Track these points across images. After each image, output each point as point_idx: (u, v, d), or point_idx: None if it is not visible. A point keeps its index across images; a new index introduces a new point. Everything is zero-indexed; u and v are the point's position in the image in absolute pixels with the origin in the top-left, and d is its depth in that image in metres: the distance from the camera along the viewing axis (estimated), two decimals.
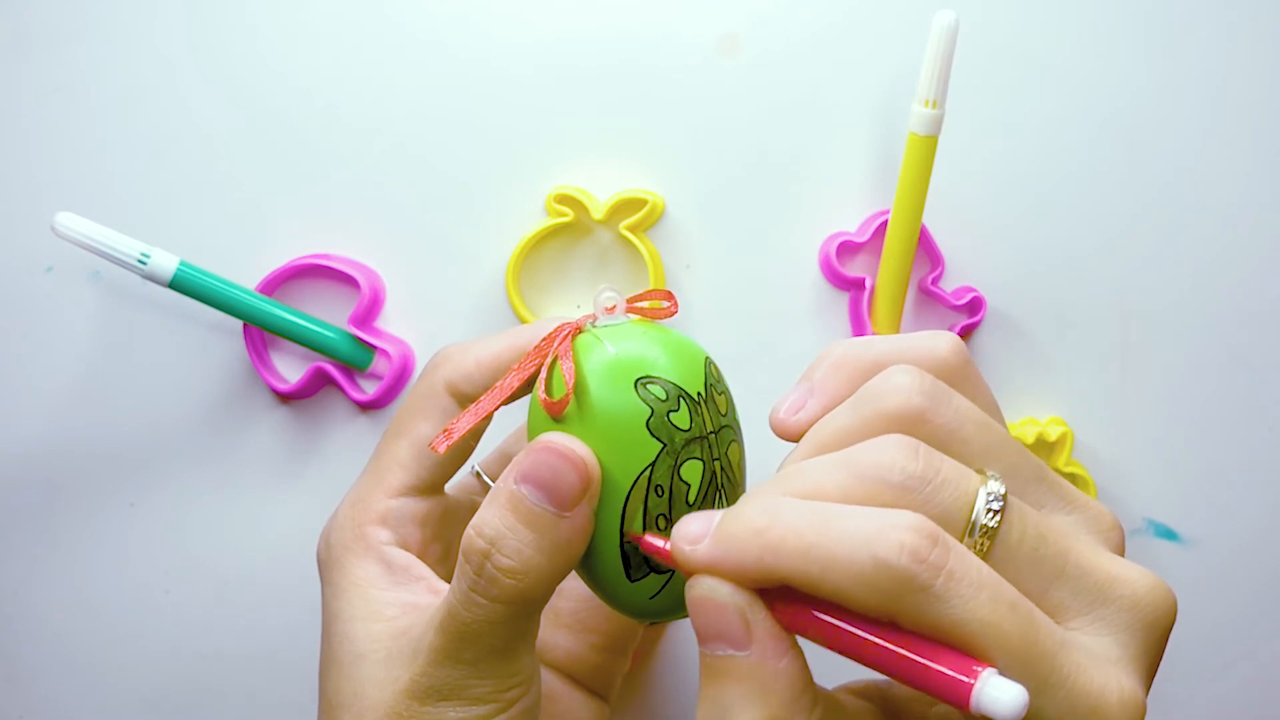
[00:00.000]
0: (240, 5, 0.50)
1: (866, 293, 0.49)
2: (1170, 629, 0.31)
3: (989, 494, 0.29)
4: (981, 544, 0.29)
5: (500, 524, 0.33)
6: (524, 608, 0.34)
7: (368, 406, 0.51)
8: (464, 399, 0.39)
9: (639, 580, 0.34)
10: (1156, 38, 0.50)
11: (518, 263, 0.49)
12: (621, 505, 0.33)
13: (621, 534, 0.34)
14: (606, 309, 0.35)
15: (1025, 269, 0.51)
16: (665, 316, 0.36)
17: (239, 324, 0.50)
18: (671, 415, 0.33)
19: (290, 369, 0.51)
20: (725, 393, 0.35)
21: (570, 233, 0.50)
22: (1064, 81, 0.50)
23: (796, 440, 0.33)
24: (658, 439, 0.33)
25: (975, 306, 0.50)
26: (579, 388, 0.34)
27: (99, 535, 0.51)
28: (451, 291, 0.51)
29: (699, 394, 0.34)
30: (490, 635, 0.34)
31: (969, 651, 0.27)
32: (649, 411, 0.33)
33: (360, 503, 0.39)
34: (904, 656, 0.27)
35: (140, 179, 0.50)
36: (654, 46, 0.50)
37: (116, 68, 0.50)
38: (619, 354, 0.34)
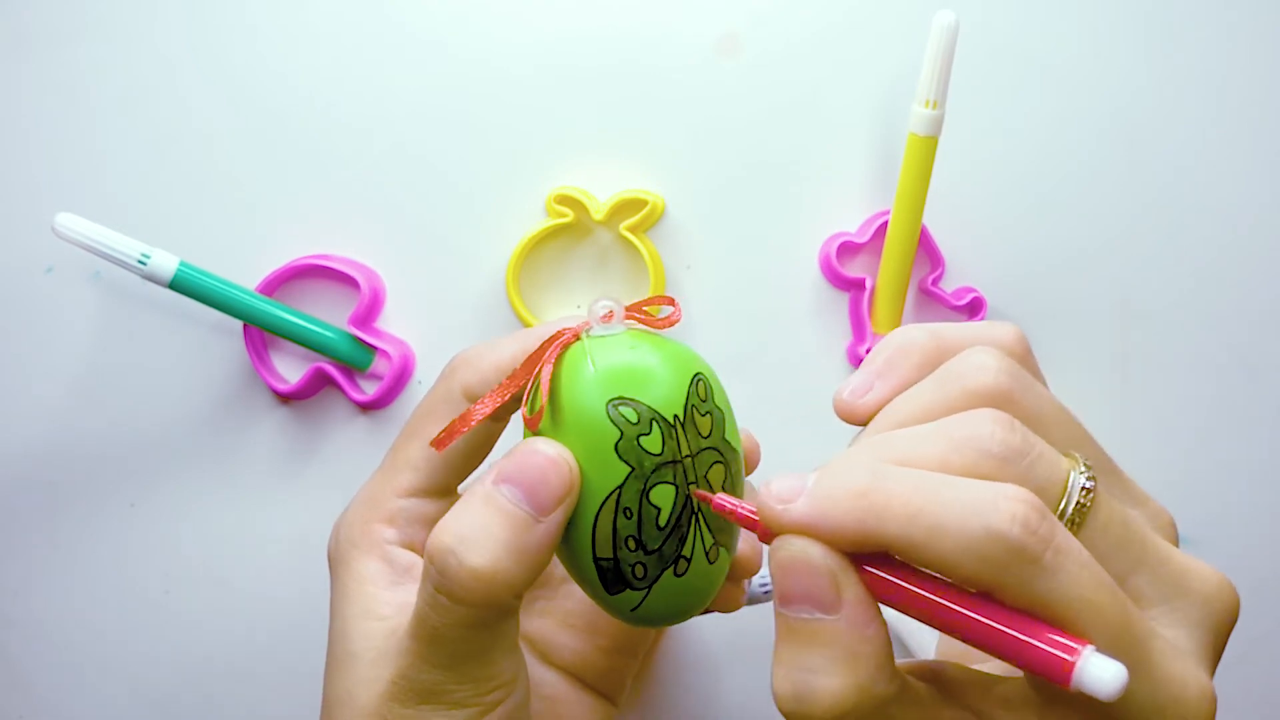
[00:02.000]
0: (240, 5, 0.50)
1: (867, 293, 0.49)
2: (1233, 628, 0.31)
3: (1082, 473, 0.29)
4: (1073, 523, 0.29)
5: (473, 522, 0.33)
6: (491, 612, 0.33)
7: (368, 407, 0.51)
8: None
9: (617, 594, 0.34)
10: (1156, 38, 0.50)
11: (518, 263, 0.49)
12: (592, 523, 0.33)
13: (594, 551, 0.34)
14: (601, 318, 0.35)
15: (1025, 269, 0.51)
16: (665, 326, 0.36)
17: (239, 324, 0.50)
18: (642, 439, 0.33)
19: (290, 369, 0.51)
20: (712, 413, 0.34)
21: (570, 233, 0.50)
22: (1064, 81, 0.50)
23: (863, 423, 0.32)
24: (626, 462, 0.33)
25: (975, 307, 0.50)
26: (557, 403, 0.34)
27: (99, 535, 0.51)
28: (451, 291, 0.51)
29: (675, 417, 0.33)
30: (461, 640, 0.33)
31: (1068, 628, 0.27)
32: (618, 434, 0.33)
33: (370, 501, 0.39)
34: (1002, 631, 0.27)
35: (140, 179, 0.50)
36: (654, 46, 0.50)
37: (116, 68, 0.50)
38: (598, 371, 0.33)
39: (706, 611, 0.37)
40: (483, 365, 0.38)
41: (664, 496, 0.33)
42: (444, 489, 0.39)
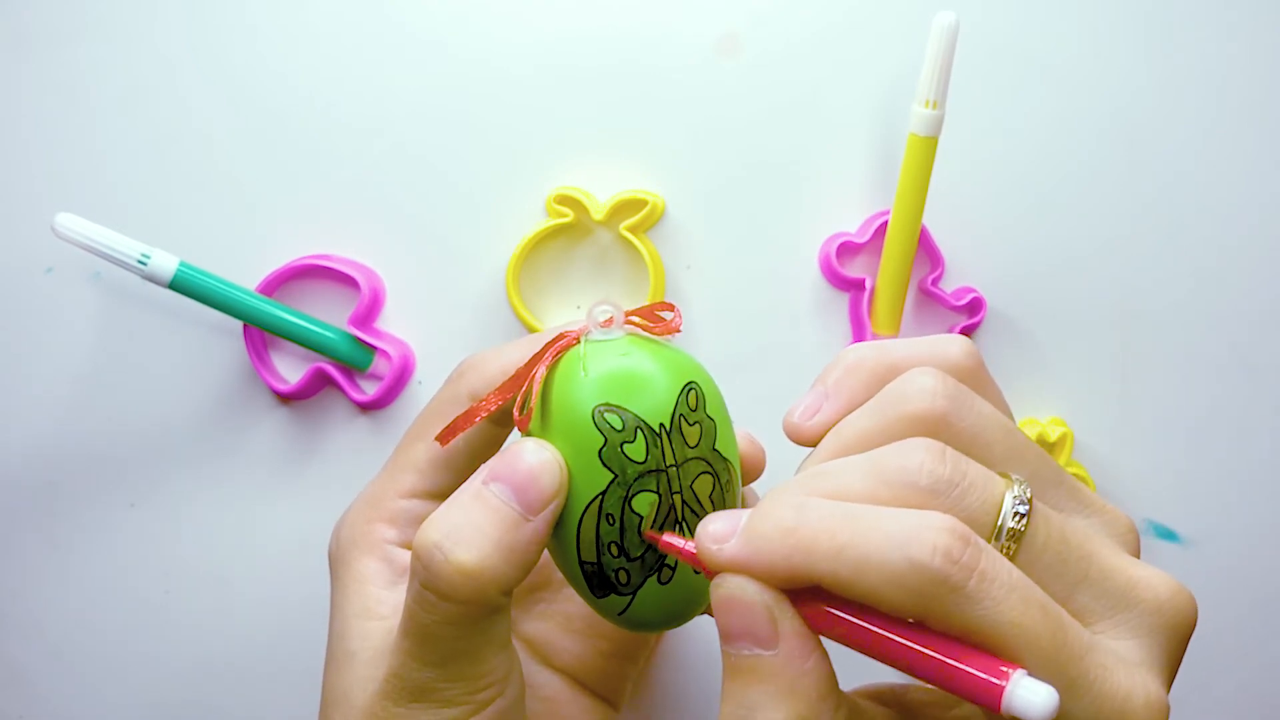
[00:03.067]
0: (240, 5, 0.50)
1: (866, 293, 0.49)
2: (1191, 633, 0.31)
3: (1015, 498, 0.29)
4: (1008, 548, 0.29)
5: (461, 519, 0.33)
6: (478, 609, 0.33)
7: (368, 407, 0.51)
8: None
9: (603, 599, 0.34)
10: (1156, 38, 0.50)
11: (518, 263, 0.49)
12: (576, 527, 0.33)
13: (579, 554, 0.34)
14: (600, 323, 0.35)
15: (1025, 269, 0.51)
16: (665, 333, 0.36)
17: (239, 324, 0.50)
18: (626, 446, 0.33)
19: (290, 369, 0.51)
20: (701, 423, 0.34)
21: (570, 233, 0.50)
22: (1064, 81, 0.50)
23: (812, 444, 0.33)
24: (609, 469, 0.33)
25: (975, 307, 0.50)
26: (548, 406, 0.34)
27: (99, 536, 0.51)
28: (451, 292, 0.51)
29: (662, 425, 0.33)
30: (450, 638, 0.33)
31: (999, 653, 0.27)
32: (603, 440, 0.33)
33: (372, 500, 0.39)
34: (933, 658, 0.27)
35: (140, 179, 0.50)
36: (654, 46, 0.50)
37: (116, 68, 0.50)
38: (589, 376, 0.34)
39: (708, 611, 0.37)
40: (489, 369, 0.38)
41: (646, 504, 0.33)
42: (446, 491, 0.39)
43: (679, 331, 0.36)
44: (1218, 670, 0.52)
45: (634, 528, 0.33)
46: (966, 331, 0.50)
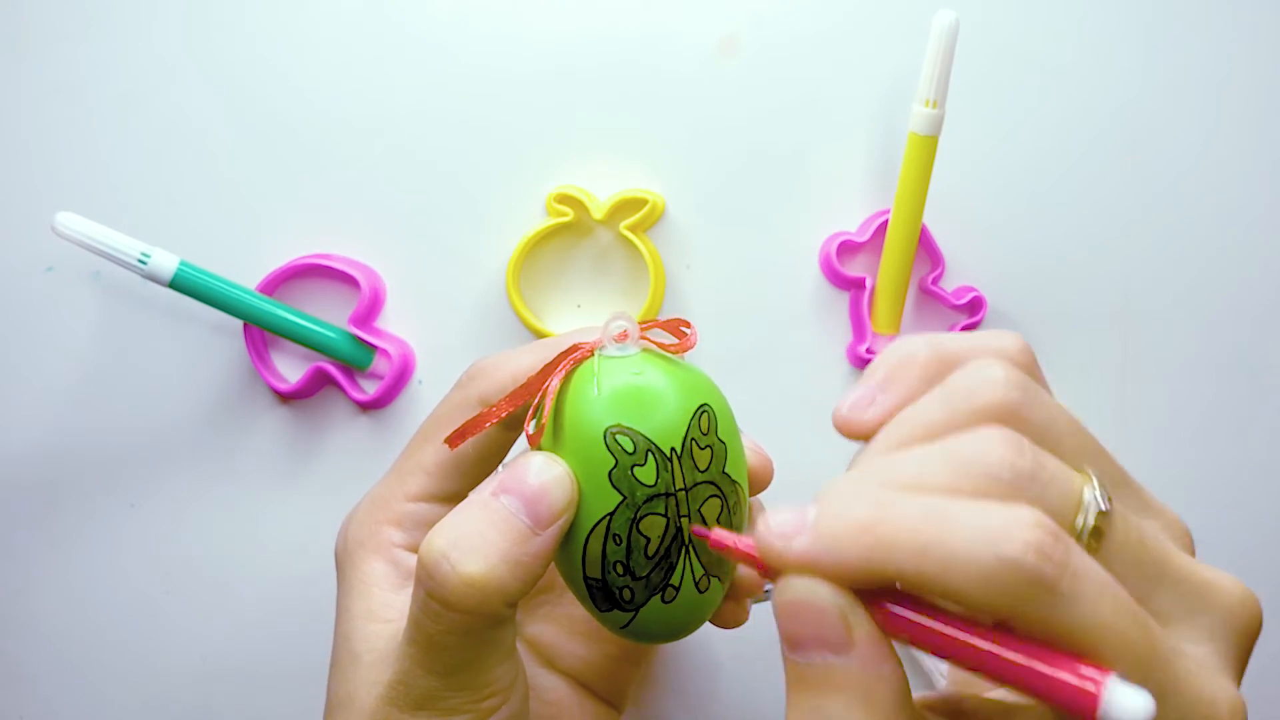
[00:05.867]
0: (240, 5, 0.50)
1: (867, 292, 0.49)
2: (1258, 636, 0.30)
3: (1095, 494, 0.28)
4: (1090, 545, 0.27)
5: (469, 529, 0.32)
6: (483, 620, 0.33)
7: (368, 406, 0.51)
8: None
9: (606, 613, 0.34)
10: (1156, 38, 0.50)
11: (518, 262, 0.49)
12: (583, 544, 0.33)
13: (584, 569, 0.34)
14: (615, 338, 0.34)
15: (1025, 269, 0.51)
16: (679, 351, 0.35)
17: (239, 324, 0.50)
18: (636, 469, 0.33)
19: (290, 369, 0.51)
20: (712, 446, 0.34)
21: (570, 232, 0.50)
22: (1064, 81, 0.50)
23: (866, 437, 0.30)
24: (618, 490, 0.33)
25: (975, 306, 0.50)
26: (560, 421, 0.34)
27: (99, 536, 0.51)
28: (451, 291, 0.51)
29: (673, 450, 0.33)
30: (455, 647, 0.33)
31: (1089, 656, 0.26)
32: (613, 462, 0.33)
33: (380, 501, 0.39)
34: (1021, 664, 0.26)
35: (140, 179, 0.50)
36: (654, 46, 0.50)
37: (116, 68, 0.50)
38: (602, 394, 0.33)
39: (714, 622, 0.37)
40: (499, 374, 0.38)
41: (654, 527, 0.33)
42: (454, 495, 0.39)
43: (693, 347, 0.36)
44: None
45: (640, 549, 0.33)
46: (967, 331, 0.50)
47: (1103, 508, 0.27)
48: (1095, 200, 0.51)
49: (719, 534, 0.30)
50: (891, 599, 0.27)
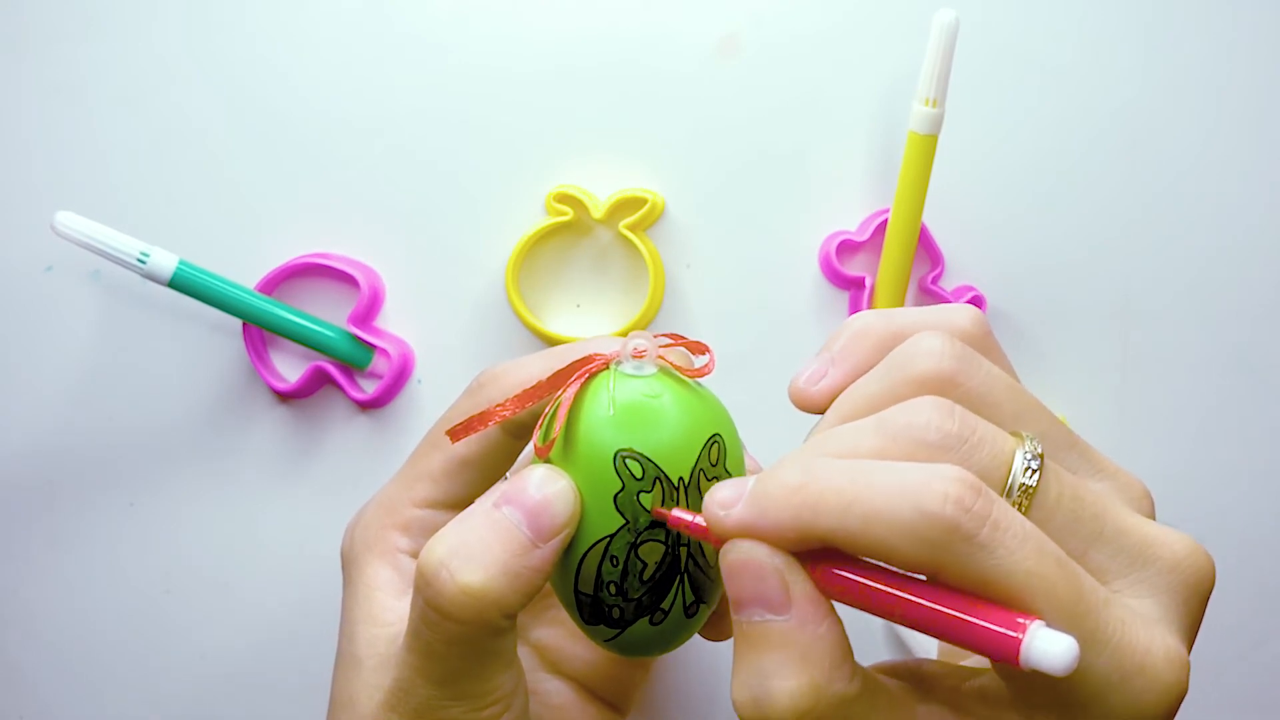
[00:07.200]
0: (240, 5, 0.50)
1: (866, 292, 0.49)
2: (1209, 593, 0.30)
3: (1026, 454, 0.29)
4: (1020, 503, 0.28)
5: (469, 539, 0.32)
6: (481, 630, 0.32)
7: (367, 406, 0.51)
8: (506, 422, 0.37)
9: (592, 626, 0.34)
10: (1156, 38, 0.50)
11: (518, 262, 0.49)
12: (579, 560, 0.33)
13: (577, 584, 0.33)
14: (633, 355, 0.34)
15: (1025, 268, 0.51)
16: (696, 376, 0.35)
17: (239, 323, 0.50)
18: (642, 495, 0.33)
19: (290, 368, 0.51)
20: (720, 478, 0.33)
21: (570, 232, 0.50)
22: (1064, 81, 0.50)
23: (818, 411, 0.32)
24: (621, 514, 0.33)
25: (975, 305, 0.50)
26: (570, 435, 0.33)
27: (98, 535, 0.51)
28: (451, 291, 0.51)
29: (680, 480, 0.33)
30: (453, 656, 0.33)
31: (1015, 604, 0.27)
32: (620, 486, 0.32)
33: (387, 505, 0.39)
34: (947, 613, 0.27)
35: (140, 179, 0.50)
36: (654, 46, 0.50)
37: (116, 68, 0.50)
38: (615, 414, 0.33)
39: (705, 634, 0.37)
40: (509, 383, 0.37)
41: (652, 554, 0.33)
42: (460, 502, 0.39)
43: (711, 373, 0.35)
44: (1217, 670, 0.52)
45: (636, 573, 0.33)
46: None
47: (1033, 467, 0.28)
48: (1095, 200, 0.51)
49: (676, 513, 0.32)
50: (833, 563, 0.28)
